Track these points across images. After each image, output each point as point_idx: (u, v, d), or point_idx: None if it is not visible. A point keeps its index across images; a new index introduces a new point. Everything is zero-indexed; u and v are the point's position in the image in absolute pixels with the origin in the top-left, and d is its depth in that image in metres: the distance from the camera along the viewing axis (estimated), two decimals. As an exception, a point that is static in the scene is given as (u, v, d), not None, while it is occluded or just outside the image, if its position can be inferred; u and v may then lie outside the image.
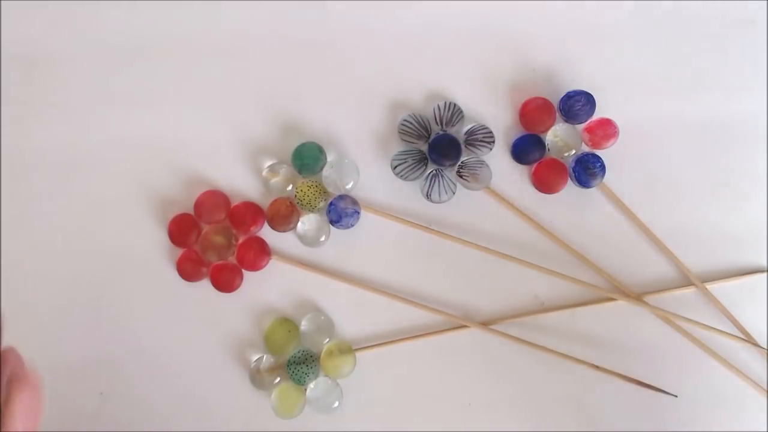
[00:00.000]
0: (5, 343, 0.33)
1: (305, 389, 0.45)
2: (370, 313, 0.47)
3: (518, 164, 0.48)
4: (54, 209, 0.48)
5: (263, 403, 0.45)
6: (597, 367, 0.45)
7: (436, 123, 0.48)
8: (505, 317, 0.47)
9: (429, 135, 0.48)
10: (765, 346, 0.46)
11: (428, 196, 0.47)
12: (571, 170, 0.48)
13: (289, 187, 0.47)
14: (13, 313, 0.48)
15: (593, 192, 0.48)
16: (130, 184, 0.48)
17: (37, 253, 0.48)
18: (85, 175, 0.48)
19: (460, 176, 0.47)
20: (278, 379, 0.45)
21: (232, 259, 0.47)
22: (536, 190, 0.48)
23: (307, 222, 0.47)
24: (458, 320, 0.46)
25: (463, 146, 0.48)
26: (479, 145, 0.47)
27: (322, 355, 0.46)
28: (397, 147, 0.48)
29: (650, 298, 0.47)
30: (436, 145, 0.47)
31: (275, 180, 0.47)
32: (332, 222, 0.46)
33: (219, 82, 0.49)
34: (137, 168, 0.48)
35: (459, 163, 0.47)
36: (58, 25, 0.50)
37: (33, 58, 0.49)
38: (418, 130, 0.47)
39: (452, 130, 0.48)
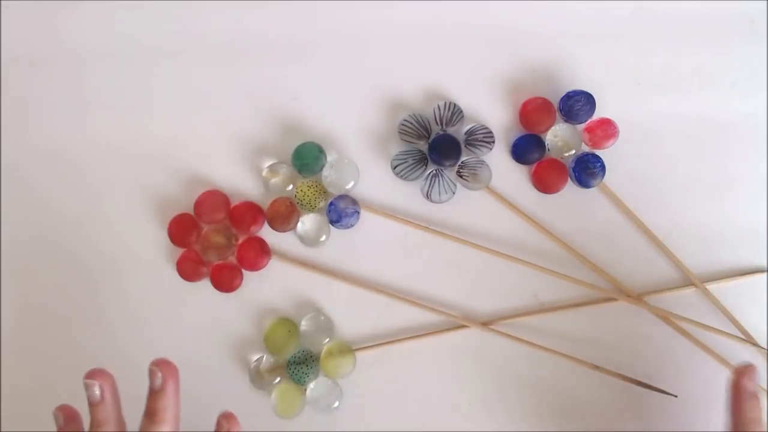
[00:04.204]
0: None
1: (305, 389, 0.45)
2: (370, 313, 0.47)
3: (518, 164, 0.48)
4: (54, 209, 0.48)
5: (263, 403, 0.45)
6: (597, 367, 0.45)
7: (436, 123, 0.48)
8: (505, 317, 0.47)
9: (429, 135, 0.48)
10: (765, 346, 0.46)
11: (428, 196, 0.47)
12: (571, 170, 0.48)
13: (289, 187, 0.47)
14: (13, 313, 0.48)
15: (593, 192, 0.48)
16: (130, 184, 0.48)
17: (37, 253, 0.48)
18: (85, 175, 0.48)
19: (460, 176, 0.47)
20: (278, 379, 0.45)
21: (232, 259, 0.47)
22: (536, 190, 0.48)
23: (307, 222, 0.47)
24: (458, 320, 0.46)
25: (463, 146, 0.48)
26: (479, 145, 0.47)
27: (322, 355, 0.46)
28: (397, 147, 0.48)
29: (650, 298, 0.47)
30: (436, 145, 0.47)
31: (275, 180, 0.47)
32: (332, 222, 0.46)
33: (219, 82, 0.49)
34: (137, 168, 0.48)
35: (459, 163, 0.47)
36: (58, 26, 0.50)
37: (33, 59, 0.49)
38: (418, 130, 0.47)
39: (452, 130, 0.48)
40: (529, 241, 0.48)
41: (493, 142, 0.47)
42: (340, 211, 0.46)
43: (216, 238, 0.46)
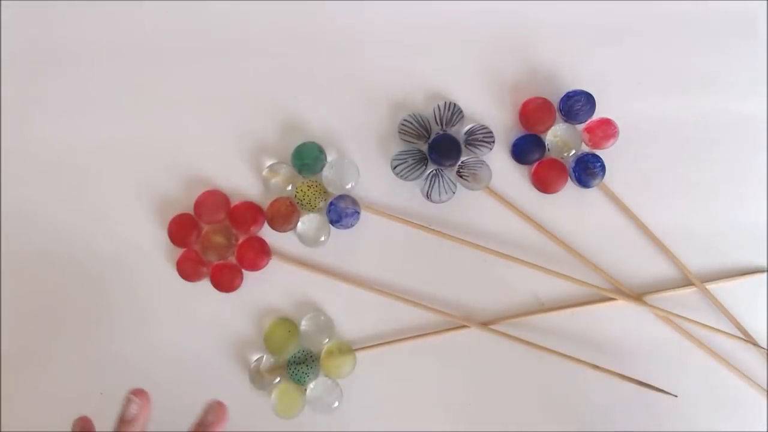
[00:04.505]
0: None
1: (305, 389, 0.45)
2: (370, 313, 0.47)
3: (518, 164, 0.48)
4: (54, 209, 0.48)
5: (263, 403, 0.45)
6: (597, 367, 0.45)
7: (436, 123, 0.48)
8: (505, 317, 0.47)
9: (429, 135, 0.48)
10: (765, 346, 0.46)
11: (428, 196, 0.47)
12: (571, 170, 0.48)
13: (289, 187, 0.47)
14: (13, 313, 0.48)
15: (593, 192, 0.48)
16: (131, 184, 0.48)
17: (37, 253, 0.48)
18: (86, 175, 0.48)
19: (460, 176, 0.47)
20: (278, 379, 0.45)
21: (232, 259, 0.47)
22: (536, 190, 0.48)
23: (307, 222, 0.47)
24: (458, 320, 0.46)
25: (463, 146, 0.48)
26: (479, 145, 0.47)
27: (322, 355, 0.46)
28: (397, 147, 0.48)
29: (650, 298, 0.47)
30: (436, 145, 0.47)
31: (275, 180, 0.47)
32: (332, 222, 0.46)
33: (219, 82, 0.49)
34: (137, 168, 0.48)
35: (459, 163, 0.47)
36: (58, 26, 0.50)
37: (33, 59, 0.49)
38: (418, 130, 0.47)
39: (452, 130, 0.48)
40: (529, 241, 0.48)
41: (493, 142, 0.47)
42: (340, 211, 0.46)
43: (216, 238, 0.46)
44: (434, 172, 0.47)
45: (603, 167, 0.47)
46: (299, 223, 0.46)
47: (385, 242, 0.47)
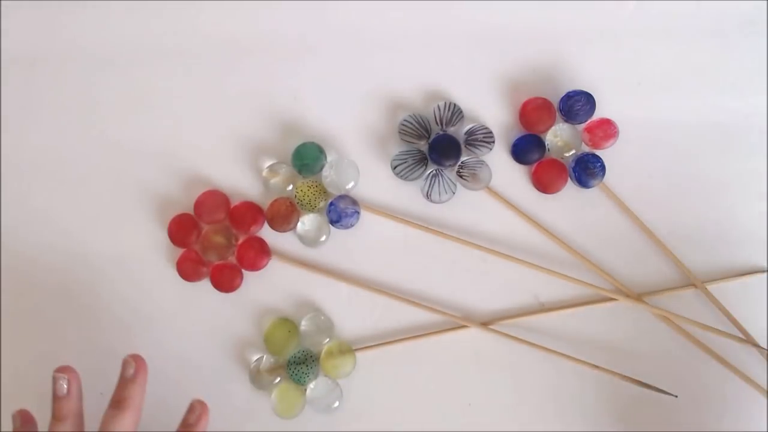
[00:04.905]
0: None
1: (305, 389, 0.45)
2: (371, 313, 0.47)
3: (518, 164, 0.48)
4: (54, 209, 0.48)
5: (263, 403, 0.45)
6: (597, 367, 0.45)
7: (436, 123, 0.48)
8: (505, 317, 0.47)
9: (429, 135, 0.48)
10: (765, 346, 0.46)
11: (428, 196, 0.47)
12: (571, 170, 0.48)
13: (289, 187, 0.47)
14: (14, 314, 0.48)
15: (593, 192, 0.48)
16: (130, 184, 0.48)
17: (37, 253, 0.48)
18: (85, 175, 0.48)
19: (460, 176, 0.47)
20: (278, 379, 0.45)
21: (232, 259, 0.47)
22: (536, 190, 0.48)
23: (307, 222, 0.47)
24: (458, 320, 0.46)
25: (463, 146, 0.48)
26: (479, 145, 0.47)
27: (322, 355, 0.46)
28: (397, 147, 0.48)
29: (650, 298, 0.47)
30: (436, 145, 0.47)
31: (275, 180, 0.47)
32: (332, 222, 0.46)
33: (219, 82, 0.49)
34: (137, 168, 0.48)
35: (459, 163, 0.47)
36: (59, 26, 0.50)
37: (33, 59, 0.49)
38: (418, 130, 0.48)
39: (452, 130, 0.48)
40: (529, 241, 0.48)
41: (493, 142, 0.47)
42: (340, 211, 0.46)
43: (216, 238, 0.46)
44: (434, 172, 0.47)
45: (603, 167, 0.47)
46: (299, 224, 0.47)
47: (385, 242, 0.47)
